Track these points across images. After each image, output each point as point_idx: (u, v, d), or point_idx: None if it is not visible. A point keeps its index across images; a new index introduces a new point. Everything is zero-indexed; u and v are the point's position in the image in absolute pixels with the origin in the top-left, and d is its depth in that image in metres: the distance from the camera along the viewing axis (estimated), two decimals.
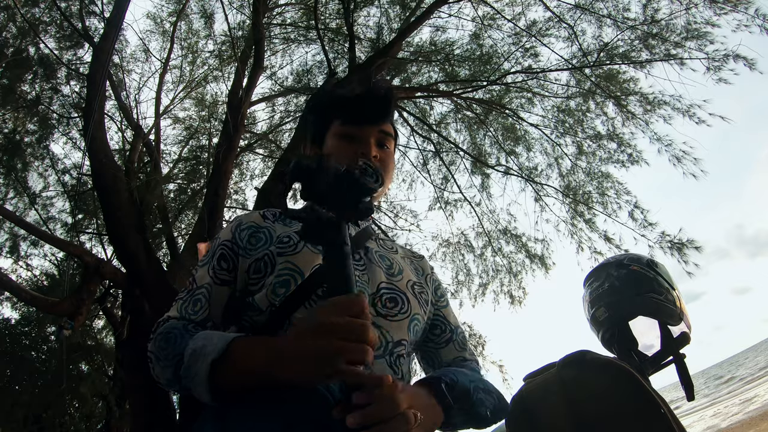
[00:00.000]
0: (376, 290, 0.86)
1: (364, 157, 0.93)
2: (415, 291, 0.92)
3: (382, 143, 0.98)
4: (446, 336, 1.00)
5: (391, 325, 0.84)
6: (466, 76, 6.02)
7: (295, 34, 6.55)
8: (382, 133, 0.98)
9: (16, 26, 5.46)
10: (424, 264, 1.06)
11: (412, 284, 0.93)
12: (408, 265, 0.99)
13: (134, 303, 4.46)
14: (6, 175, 5.99)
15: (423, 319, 0.92)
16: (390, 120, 1.00)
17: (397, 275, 0.92)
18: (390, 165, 0.99)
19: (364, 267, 0.89)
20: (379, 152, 0.96)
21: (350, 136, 0.96)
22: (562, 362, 1.14)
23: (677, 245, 4.99)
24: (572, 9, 5.21)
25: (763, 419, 11.10)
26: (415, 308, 0.90)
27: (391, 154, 0.99)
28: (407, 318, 0.87)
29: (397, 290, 0.89)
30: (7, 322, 7.83)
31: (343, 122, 0.97)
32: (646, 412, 0.99)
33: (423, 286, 0.96)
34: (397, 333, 0.84)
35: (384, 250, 0.98)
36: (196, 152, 6.82)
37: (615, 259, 1.39)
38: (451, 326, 1.02)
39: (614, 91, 5.38)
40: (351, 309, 0.62)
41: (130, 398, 4.99)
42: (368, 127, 0.96)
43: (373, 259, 0.91)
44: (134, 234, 3.88)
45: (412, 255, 1.07)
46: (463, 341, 1.02)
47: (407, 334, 0.86)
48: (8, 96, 5.55)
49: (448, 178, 6.44)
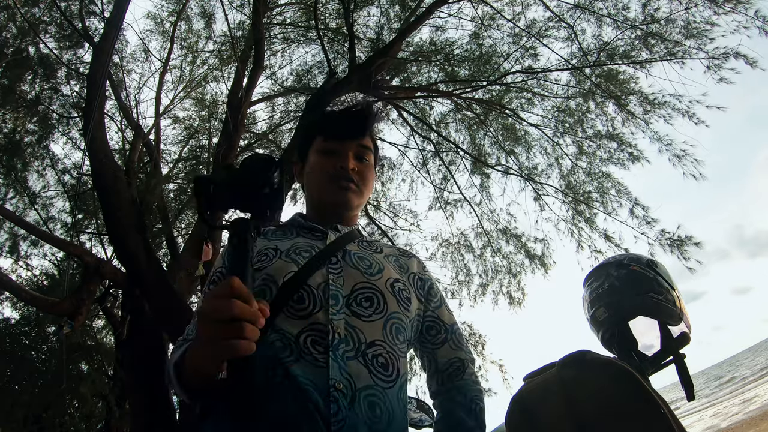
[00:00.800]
0: (350, 291, 0.90)
1: (343, 170, 1.01)
2: (395, 289, 0.94)
3: (361, 156, 1.06)
4: (441, 336, 1.03)
5: (364, 325, 0.87)
6: (466, 76, 6.02)
7: (295, 34, 6.55)
8: (361, 147, 1.06)
9: (16, 26, 5.46)
10: (412, 262, 1.07)
11: (392, 282, 0.95)
12: (391, 264, 1.01)
13: (134, 303, 4.46)
14: (6, 175, 5.99)
15: (404, 318, 0.93)
16: (369, 135, 1.08)
17: (375, 274, 0.95)
18: (368, 176, 1.06)
19: (340, 270, 0.92)
20: (357, 165, 1.04)
21: (330, 151, 1.04)
22: (562, 362, 1.14)
23: (677, 242, 5.00)
24: (572, 8, 5.20)
25: (763, 419, 11.10)
26: (393, 307, 0.91)
27: (369, 166, 1.07)
28: (382, 318, 0.89)
29: (374, 289, 0.92)
30: (7, 322, 7.83)
31: (324, 138, 1.05)
32: (646, 412, 0.99)
33: (405, 284, 0.98)
34: (370, 333, 0.86)
35: (365, 251, 1.01)
36: (196, 152, 6.83)
37: (615, 259, 1.39)
38: (446, 326, 1.04)
39: (614, 90, 5.38)
40: (221, 293, 0.62)
41: (130, 398, 4.99)
42: (347, 142, 1.04)
43: (351, 261, 0.95)
44: (134, 234, 3.88)
45: (400, 253, 1.09)
46: (458, 340, 1.05)
47: (383, 333, 0.87)
48: (8, 96, 5.55)
49: (447, 178, 6.44)
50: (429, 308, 1.03)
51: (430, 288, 1.06)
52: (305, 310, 0.85)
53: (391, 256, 1.05)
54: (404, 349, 0.92)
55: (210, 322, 0.61)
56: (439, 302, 1.06)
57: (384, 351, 0.86)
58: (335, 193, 1.02)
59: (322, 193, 1.04)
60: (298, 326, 0.84)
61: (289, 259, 0.91)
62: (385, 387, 0.84)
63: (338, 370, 0.80)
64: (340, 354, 0.82)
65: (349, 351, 0.83)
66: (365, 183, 1.05)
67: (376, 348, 0.85)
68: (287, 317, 0.85)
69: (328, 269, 0.91)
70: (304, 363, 0.80)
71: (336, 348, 0.82)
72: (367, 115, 1.07)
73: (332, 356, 0.81)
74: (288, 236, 1.01)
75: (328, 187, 1.03)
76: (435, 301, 1.05)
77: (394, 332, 0.89)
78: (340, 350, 0.82)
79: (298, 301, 0.86)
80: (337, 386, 0.78)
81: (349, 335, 0.84)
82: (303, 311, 0.85)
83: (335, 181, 1.02)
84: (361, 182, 1.04)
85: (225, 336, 0.60)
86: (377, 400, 0.81)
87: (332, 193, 1.02)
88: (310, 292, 0.87)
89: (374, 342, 0.86)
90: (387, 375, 0.85)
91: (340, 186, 1.02)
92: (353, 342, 0.84)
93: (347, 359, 0.82)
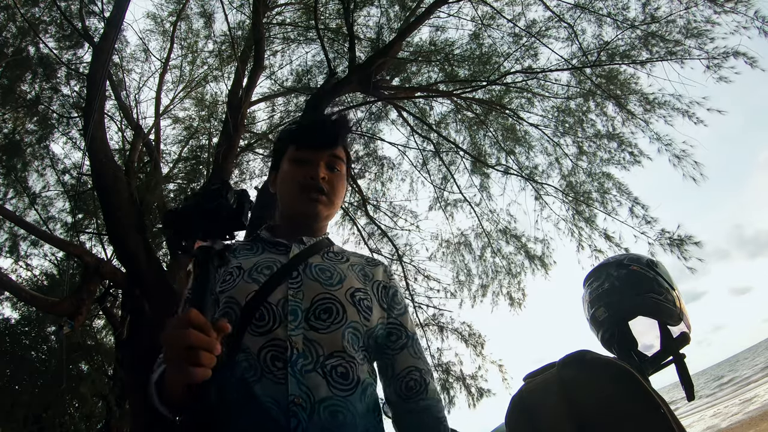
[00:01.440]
0: (310, 305, 0.92)
1: (313, 180, 1.02)
2: (355, 299, 0.95)
3: (333, 166, 1.07)
4: (402, 341, 1.03)
5: (322, 338, 0.89)
6: (466, 76, 6.01)
7: (295, 34, 6.55)
8: (333, 156, 1.07)
9: (16, 26, 5.46)
10: (377, 271, 1.08)
11: (352, 292, 0.96)
12: (354, 273, 1.02)
13: (134, 303, 4.46)
14: (6, 175, 5.99)
15: (362, 327, 0.94)
16: (341, 144, 1.09)
17: (336, 285, 0.96)
18: (338, 186, 1.07)
19: (300, 284, 0.94)
20: (328, 174, 1.05)
21: (302, 160, 1.05)
22: (562, 362, 1.14)
23: (677, 242, 4.99)
24: (572, 8, 5.20)
25: (763, 419, 11.11)
26: (352, 316, 0.93)
27: (340, 176, 1.08)
28: (340, 327, 0.91)
29: (333, 299, 0.94)
30: (7, 322, 7.83)
31: (297, 147, 1.06)
32: (646, 412, 0.99)
33: (367, 293, 0.99)
34: (329, 345, 0.89)
35: (329, 262, 1.03)
36: (196, 152, 6.82)
37: (615, 259, 1.39)
38: (408, 332, 1.05)
39: (614, 90, 5.38)
40: (179, 323, 0.67)
41: (130, 398, 4.99)
42: (319, 152, 1.05)
43: (311, 273, 0.97)
44: (134, 234, 3.88)
45: (366, 262, 1.09)
46: (418, 349, 1.05)
47: (342, 343, 0.90)
48: (8, 96, 5.55)
49: (447, 178, 6.44)
50: (392, 315, 1.04)
51: (393, 295, 1.06)
52: (265, 326, 0.89)
53: (357, 266, 1.06)
54: (363, 356, 0.94)
55: (169, 350, 0.67)
56: (403, 310, 1.07)
57: (343, 361, 0.89)
58: (305, 204, 1.04)
59: (293, 203, 1.06)
60: (259, 343, 0.87)
61: (251, 279, 0.94)
62: (345, 395, 0.87)
63: (296, 385, 0.83)
64: (299, 368, 0.85)
65: (308, 365, 0.86)
66: (335, 193, 1.06)
67: (335, 359, 0.88)
68: (250, 335, 0.88)
69: (288, 285, 0.94)
70: (266, 381, 0.84)
71: (294, 363, 0.85)
72: (340, 125, 1.09)
73: (290, 372, 0.84)
74: (254, 252, 1.04)
75: (298, 197, 1.04)
76: (398, 309, 1.06)
77: (352, 341, 0.92)
78: (298, 365, 0.85)
79: (259, 318, 0.89)
80: (296, 401, 0.82)
81: (307, 349, 0.87)
82: (263, 328, 0.89)
83: (305, 192, 1.03)
84: (332, 192, 1.05)
85: (182, 363, 0.65)
86: (338, 408, 0.85)
87: (302, 203, 1.04)
88: (270, 309, 0.90)
89: (333, 354, 0.88)
90: (346, 384, 0.87)
91: (309, 198, 1.03)
92: (311, 356, 0.87)
93: (305, 372, 0.85)
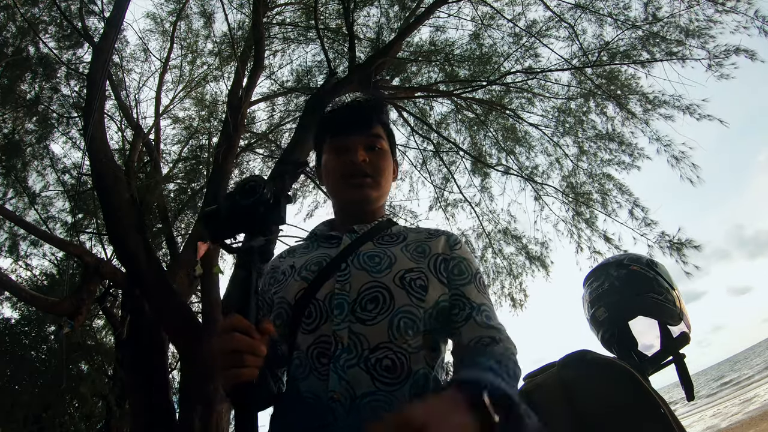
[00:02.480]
0: (356, 295, 0.88)
1: (354, 165, 0.99)
2: (405, 281, 0.89)
3: (372, 146, 1.03)
4: (465, 313, 0.92)
5: (368, 330, 0.85)
6: (466, 76, 6.01)
7: (295, 34, 6.55)
8: (371, 137, 1.03)
9: (16, 26, 5.46)
10: (438, 243, 0.99)
11: (402, 274, 0.90)
12: (407, 253, 0.95)
13: (134, 303, 4.46)
14: (6, 175, 5.99)
15: (416, 309, 0.88)
16: (377, 123, 1.05)
17: (384, 270, 0.91)
18: (382, 164, 1.03)
19: (347, 275, 0.91)
20: (368, 155, 1.01)
21: (340, 149, 1.02)
22: (562, 362, 1.14)
23: (676, 245, 4.99)
24: (572, 8, 5.20)
25: (763, 419, 11.10)
26: (401, 301, 0.87)
27: (382, 153, 1.04)
28: (387, 316, 0.86)
29: (380, 287, 0.89)
30: (7, 322, 7.83)
31: (332, 136, 1.04)
32: (646, 412, 0.99)
33: (422, 272, 0.92)
34: (374, 337, 0.85)
35: (380, 247, 0.97)
36: (196, 152, 6.82)
37: (615, 259, 1.39)
38: (472, 303, 0.93)
39: (615, 90, 5.37)
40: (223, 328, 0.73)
41: (130, 398, 5.00)
42: (354, 137, 1.02)
43: (358, 263, 0.93)
44: (134, 234, 3.88)
45: (426, 237, 1.01)
46: (488, 317, 0.92)
47: (388, 334, 0.85)
48: (8, 96, 5.55)
49: (448, 178, 6.44)
50: (453, 287, 0.94)
51: (455, 266, 0.96)
52: (313, 323, 0.88)
53: (412, 244, 0.98)
54: (416, 344, 0.86)
55: (217, 354, 0.72)
56: (467, 280, 0.95)
57: (390, 352, 0.84)
58: (350, 192, 1.01)
59: (338, 193, 1.04)
60: (309, 341, 0.87)
61: (300, 277, 0.94)
62: (390, 390, 0.82)
63: (337, 381, 0.82)
64: (341, 364, 0.83)
65: (351, 359, 0.83)
66: (379, 172, 1.02)
67: (380, 351, 0.84)
68: (302, 334, 0.88)
69: (336, 278, 0.91)
70: (312, 378, 0.85)
71: (337, 359, 0.84)
72: (370, 105, 1.06)
73: (332, 367, 0.83)
74: (309, 250, 1.03)
75: (342, 186, 1.02)
76: (461, 279, 0.95)
77: (402, 329, 0.86)
78: (341, 360, 0.84)
79: (308, 316, 0.89)
80: (335, 397, 0.81)
81: (352, 343, 0.84)
82: (311, 325, 0.88)
83: (347, 179, 1.00)
84: (375, 172, 1.01)
85: (228, 366, 0.70)
86: (380, 403, 0.81)
87: (347, 192, 1.02)
88: (317, 306, 0.89)
89: (378, 346, 0.84)
90: (393, 377, 0.83)
91: (352, 184, 1.00)
92: (356, 349, 0.84)
93: (348, 368, 0.83)
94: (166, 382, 4.35)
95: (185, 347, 3.86)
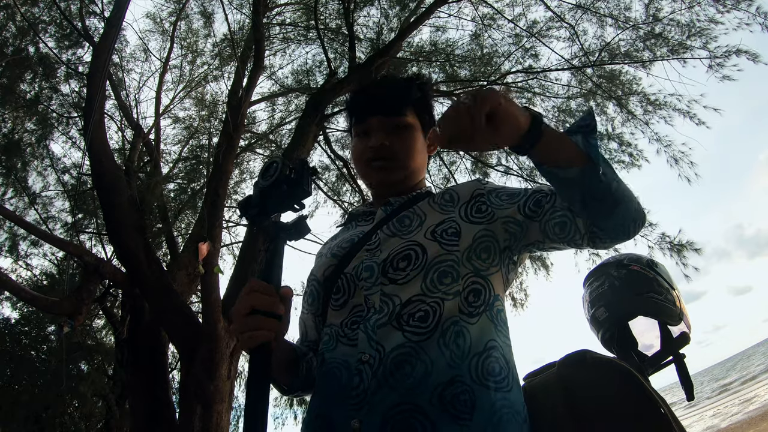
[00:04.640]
0: (387, 256, 0.88)
1: (372, 150, 0.99)
2: (436, 233, 0.88)
3: (395, 125, 1.00)
4: (548, 187, 0.90)
5: (400, 288, 0.84)
6: (467, 76, 6.01)
7: (295, 34, 6.55)
8: (392, 116, 1.00)
9: (16, 25, 5.46)
10: (466, 189, 0.97)
11: (433, 228, 0.89)
12: (436, 208, 0.94)
13: (134, 303, 4.46)
14: (6, 174, 5.99)
15: (451, 256, 0.85)
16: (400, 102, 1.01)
17: (414, 229, 0.90)
18: (402, 145, 0.99)
19: (377, 244, 0.92)
20: (390, 138, 0.99)
21: (363, 132, 1.02)
22: (562, 362, 1.13)
23: (677, 247, 4.98)
24: (573, 8, 5.20)
25: (763, 419, 11.10)
26: (435, 253, 0.85)
27: (405, 134, 1.00)
28: (421, 271, 0.84)
29: (412, 245, 0.87)
30: (7, 322, 7.83)
31: (356, 120, 1.04)
32: (646, 412, 0.99)
33: (453, 220, 0.90)
34: (405, 293, 0.83)
35: (411, 211, 0.96)
36: (196, 152, 6.83)
37: (615, 259, 1.39)
38: (526, 191, 0.93)
39: (615, 90, 5.37)
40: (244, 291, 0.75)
41: (130, 398, 4.99)
42: (376, 119, 1.00)
43: (389, 230, 0.93)
44: (134, 234, 3.88)
45: (455, 188, 1.00)
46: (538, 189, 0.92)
47: (421, 287, 0.83)
48: (8, 96, 5.55)
49: (448, 178, 6.44)
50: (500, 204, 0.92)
51: (489, 195, 0.94)
52: (342, 298, 0.89)
53: (440, 198, 0.97)
54: (452, 289, 0.83)
55: (235, 317, 0.73)
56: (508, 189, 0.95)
57: (423, 304, 0.81)
58: (372, 176, 1.02)
59: (364, 178, 1.06)
60: (342, 316, 0.87)
61: (331, 254, 0.95)
62: (420, 340, 0.78)
63: (366, 342, 0.80)
64: (371, 324, 0.81)
65: (381, 318, 0.81)
66: (403, 153, 0.99)
67: (413, 305, 0.81)
68: (333, 311, 0.89)
69: (365, 249, 0.92)
70: (341, 346, 0.84)
71: (367, 320, 0.82)
72: (391, 86, 1.05)
73: (361, 329, 0.82)
74: (348, 229, 1.04)
75: (364, 170, 1.03)
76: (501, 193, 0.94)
77: (437, 279, 0.83)
78: (371, 321, 0.82)
79: (336, 291, 0.89)
80: (363, 359, 0.79)
81: (384, 304, 0.83)
82: (341, 300, 0.89)
83: (368, 164, 1.01)
84: (395, 155, 0.99)
85: (244, 329, 0.71)
86: (406, 357, 0.77)
87: (369, 176, 1.02)
88: (345, 279, 0.89)
89: (410, 299, 0.82)
90: (424, 327, 0.79)
91: (373, 168, 1.00)
92: (387, 308, 0.82)
93: (378, 327, 0.81)
94: (166, 382, 4.36)
95: (185, 347, 3.86)
